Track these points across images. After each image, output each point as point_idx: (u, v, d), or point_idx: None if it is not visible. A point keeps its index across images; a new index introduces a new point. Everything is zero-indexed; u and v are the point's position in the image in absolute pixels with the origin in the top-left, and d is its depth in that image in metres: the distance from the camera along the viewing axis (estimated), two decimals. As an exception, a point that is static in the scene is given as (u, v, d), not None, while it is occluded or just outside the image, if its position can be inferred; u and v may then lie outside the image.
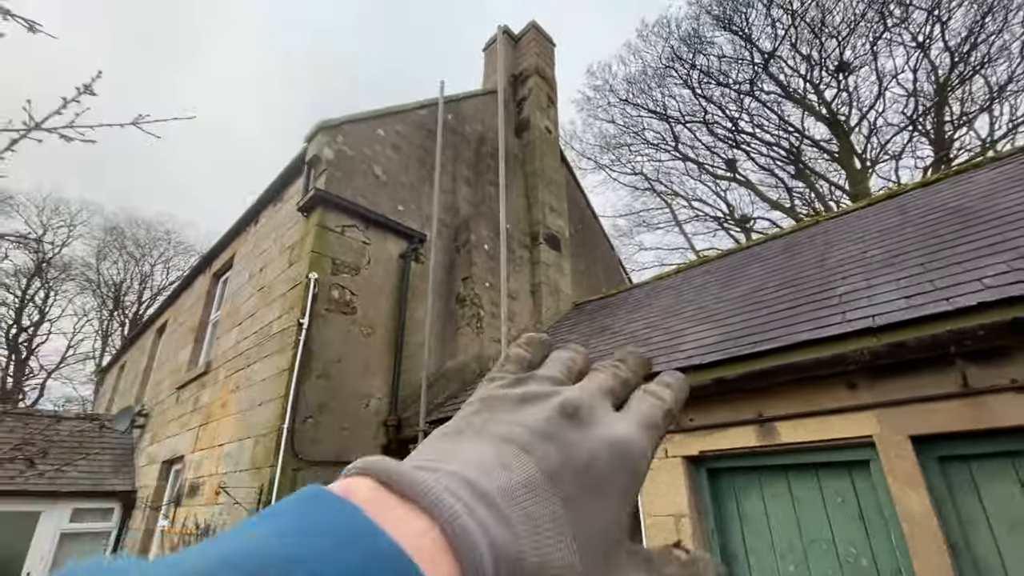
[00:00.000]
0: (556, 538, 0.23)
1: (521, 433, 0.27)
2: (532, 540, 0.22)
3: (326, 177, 6.00)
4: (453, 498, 0.22)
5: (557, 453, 0.26)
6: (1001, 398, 2.40)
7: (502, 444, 0.26)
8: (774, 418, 3.02)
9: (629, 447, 0.28)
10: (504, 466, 0.25)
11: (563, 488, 0.25)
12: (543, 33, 10.27)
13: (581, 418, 0.28)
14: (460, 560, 0.20)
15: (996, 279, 2.60)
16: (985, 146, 15.91)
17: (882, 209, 5.19)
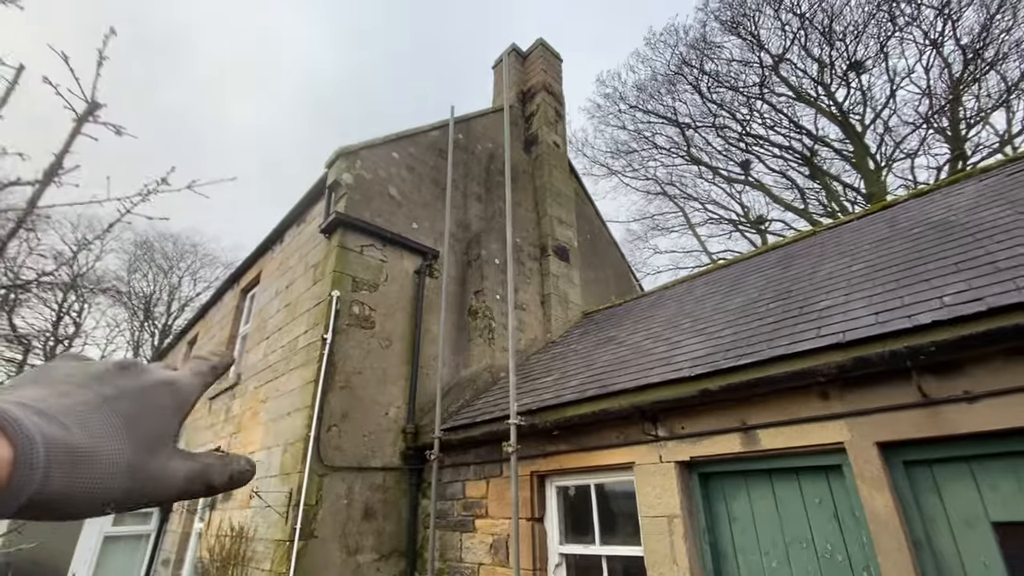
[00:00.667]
0: (111, 437, 0.33)
1: (82, 378, 0.37)
2: (84, 436, 0.31)
3: (346, 201, 6.42)
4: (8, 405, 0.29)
5: (112, 389, 0.36)
6: (956, 408, 2.63)
7: (61, 385, 0.35)
8: (756, 426, 3.28)
9: (177, 383, 0.41)
10: (63, 394, 0.34)
11: (119, 406, 0.35)
12: (550, 49, 10.61)
13: (134, 370, 0.40)
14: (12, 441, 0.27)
15: (955, 297, 2.84)
16: (1003, 142, 15.71)
17: (876, 220, 5.38)
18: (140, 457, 0.35)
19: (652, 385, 3.77)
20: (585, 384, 4.61)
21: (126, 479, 0.34)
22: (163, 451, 0.37)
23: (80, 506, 0.31)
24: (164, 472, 0.37)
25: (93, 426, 0.33)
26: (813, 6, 16.06)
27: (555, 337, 7.80)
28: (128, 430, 0.35)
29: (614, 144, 20.59)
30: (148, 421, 0.37)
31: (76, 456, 0.30)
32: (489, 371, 6.71)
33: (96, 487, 0.31)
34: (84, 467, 0.31)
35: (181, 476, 0.38)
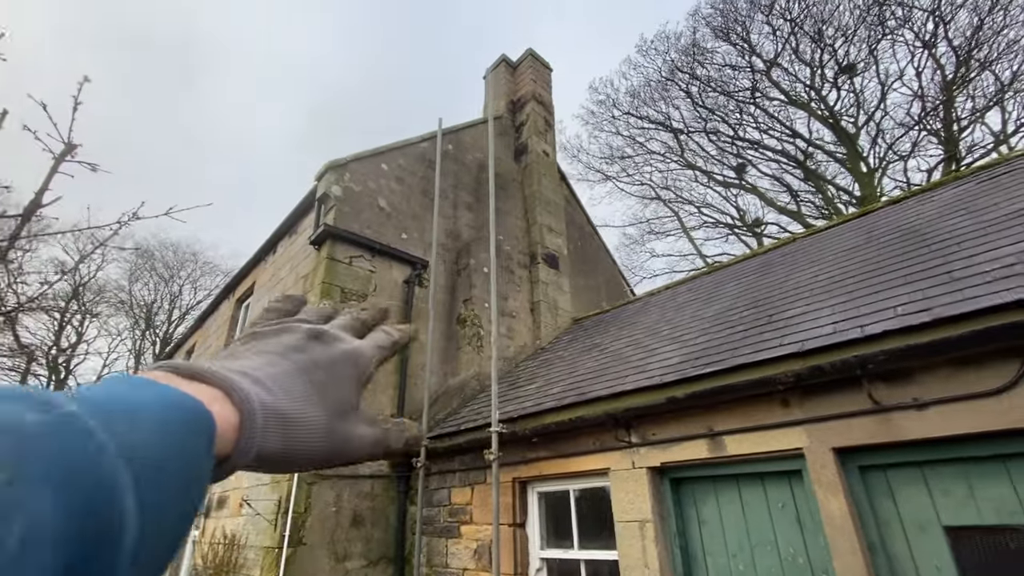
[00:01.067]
0: (309, 403, 0.37)
1: (281, 348, 0.40)
2: (291, 403, 0.36)
3: (335, 213, 6.55)
4: (229, 373, 0.33)
5: (306, 358, 0.40)
6: (906, 415, 2.73)
7: (266, 355, 0.39)
8: (722, 432, 3.38)
9: (358, 354, 0.44)
10: (269, 364, 0.38)
11: (312, 376, 0.39)
12: (539, 59, 10.76)
13: (325, 339, 0.43)
14: (237, 406, 0.32)
15: (908, 307, 2.94)
16: (998, 141, 15.78)
17: (852, 227, 5.48)
18: (333, 422, 0.38)
19: (625, 393, 3.87)
20: (565, 392, 4.71)
21: (324, 441, 0.37)
22: (350, 416, 0.41)
23: (291, 464, 0.36)
24: (353, 435, 0.40)
25: (295, 393, 0.37)
26: (804, 11, 16.20)
27: (544, 344, 7.91)
28: (321, 397, 0.38)
29: (609, 150, 20.75)
30: (336, 389, 0.40)
31: (285, 420, 0.34)
32: (477, 379, 6.81)
33: (302, 447, 0.36)
34: (292, 430, 0.35)
35: (368, 441, 0.42)
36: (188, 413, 0.28)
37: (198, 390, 0.31)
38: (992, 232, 3.52)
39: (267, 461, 0.34)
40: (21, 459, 0.20)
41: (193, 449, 0.27)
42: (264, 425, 0.32)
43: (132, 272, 27.61)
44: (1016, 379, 2.45)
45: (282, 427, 0.34)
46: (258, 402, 0.33)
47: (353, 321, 0.49)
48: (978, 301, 2.55)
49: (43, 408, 0.22)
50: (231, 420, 0.31)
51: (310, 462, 0.37)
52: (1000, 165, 4.91)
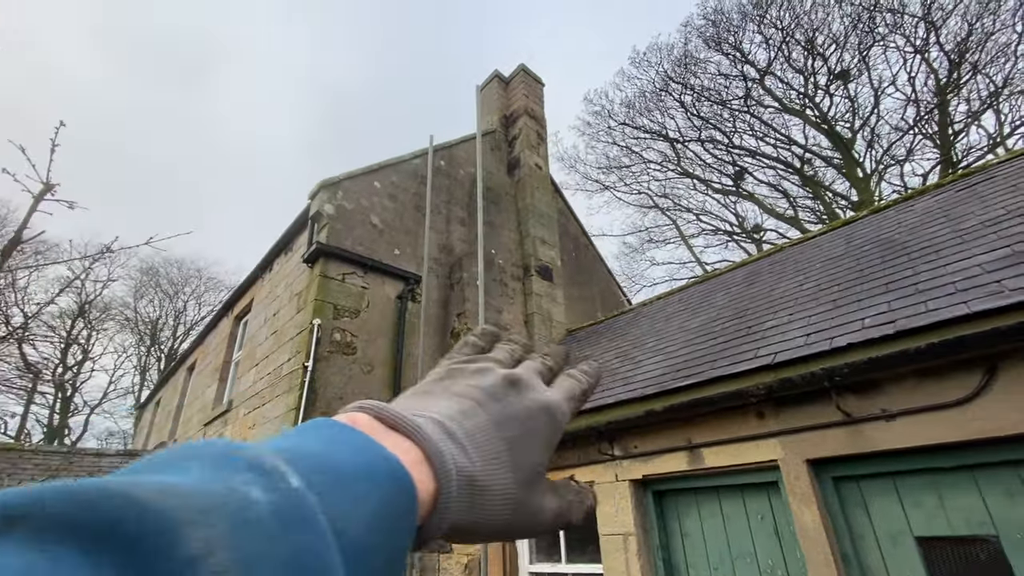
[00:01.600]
0: (500, 466, 0.32)
1: (477, 394, 0.36)
2: (483, 466, 0.31)
3: (327, 231, 6.66)
4: (429, 430, 0.30)
5: (503, 409, 0.35)
6: (874, 425, 2.76)
7: (464, 400, 0.35)
8: (700, 445, 3.42)
9: (555, 409, 0.39)
10: (464, 414, 0.34)
11: (506, 433, 0.34)
12: (531, 74, 10.93)
13: (520, 387, 0.38)
14: (435, 471, 0.29)
15: (876, 318, 2.98)
16: (994, 143, 15.80)
17: (836, 237, 5.53)
18: (521, 491, 0.33)
19: (607, 406, 3.92)
20: (552, 405, 4.75)
21: (509, 513, 0.33)
22: (539, 484, 0.36)
23: (475, 536, 0.32)
24: (539, 508, 0.35)
25: (488, 454, 0.32)
26: (794, 20, 16.36)
27: (538, 356, 7.94)
28: (511, 459, 0.33)
29: (606, 160, 20.89)
30: (528, 450, 0.35)
31: (475, 488, 0.30)
32: (470, 392, 6.85)
33: (486, 522, 0.31)
34: (479, 499, 0.31)
35: (551, 514, 0.37)
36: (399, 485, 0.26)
37: (398, 445, 0.28)
38: (967, 241, 3.56)
39: (454, 534, 0.30)
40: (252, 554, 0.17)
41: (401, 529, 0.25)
42: (458, 495, 0.29)
43: (137, 289, 27.93)
44: (979, 389, 2.49)
45: (473, 496, 0.30)
46: (454, 468, 0.30)
47: (542, 367, 0.44)
48: (939, 313, 2.60)
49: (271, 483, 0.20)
50: (429, 489, 0.28)
51: (494, 535, 0.33)
52: (978, 173, 4.96)
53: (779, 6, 16.59)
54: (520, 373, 0.40)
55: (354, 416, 0.30)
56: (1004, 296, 2.50)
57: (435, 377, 0.39)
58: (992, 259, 3.02)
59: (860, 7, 15.92)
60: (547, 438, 0.37)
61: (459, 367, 0.40)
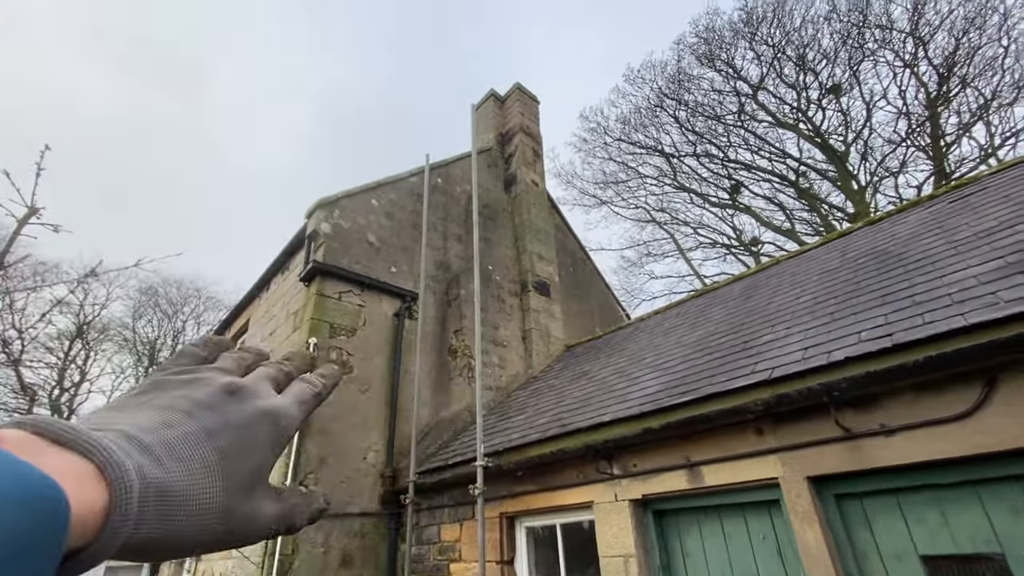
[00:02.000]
0: (207, 475, 0.31)
1: (186, 404, 0.34)
2: (184, 476, 0.30)
3: (324, 249, 6.67)
4: (108, 441, 0.27)
5: (217, 418, 0.34)
6: (874, 441, 2.72)
7: (167, 411, 0.33)
8: (699, 463, 3.36)
9: (278, 414, 0.38)
10: (166, 425, 0.32)
11: (219, 442, 0.33)
12: (527, 92, 11.06)
13: (241, 395, 0.37)
14: (109, 484, 0.26)
15: (872, 332, 2.96)
16: (985, 154, 15.93)
17: (831, 249, 5.53)
18: (233, 499, 0.33)
19: (604, 424, 3.87)
20: (550, 423, 4.70)
21: (218, 523, 0.32)
22: (256, 491, 0.35)
23: (170, 551, 0.30)
24: (255, 515, 0.35)
25: (192, 464, 0.31)
26: (784, 37, 16.64)
27: (536, 372, 7.89)
28: (224, 469, 0.32)
29: (602, 175, 21.05)
30: (246, 458, 0.34)
31: (169, 499, 0.29)
32: (469, 411, 6.79)
33: (185, 533, 0.30)
34: (176, 511, 0.29)
35: (270, 518, 0.36)
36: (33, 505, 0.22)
37: (62, 462, 0.25)
38: (961, 252, 3.56)
39: (141, 549, 0.28)
40: None
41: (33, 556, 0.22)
42: (140, 509, 0.27)
43: (136, 309, 27.86)
44: (978, 403, 2.46)
45: (168, 508, 0.28)
46: (139, 480, 0.27)
47: (277, 373, 0.43)
48: (935, 326, 2.58)
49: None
50: (97, 504, 0.25)
51: (197, 546, 0.31)
52: (970, 184, 4.99)
53: (769, 24, 16.90)
54: (243, 381, 0.39)
55: (10, 432, 0.26)
56: (1000, 308, 2.48)
57: (138, 390, 0.36)
58: (987, 270, 3.01)
59: (849, 24, 16.21)
60: (269, 444, 0.36)
61: (169, 379, 0.37)
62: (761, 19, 16.99)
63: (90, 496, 0.25)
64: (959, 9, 15.15)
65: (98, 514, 0.25)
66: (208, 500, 0.31)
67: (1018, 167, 4.85)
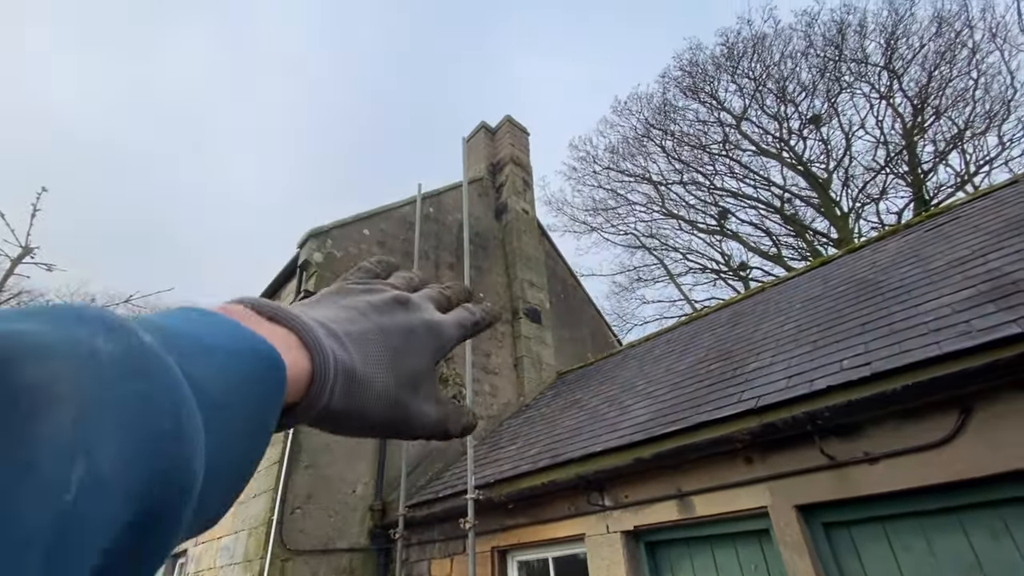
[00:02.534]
0: (380, 367, 0.35)
1: (364, 306, 0.39)
2: (363, 363, 0.34)
3: (316, 278, 6.70)
4: (309, 320, 0.32)
5: (388, 321, 0.39)
6: (859, 469, 2.76)
7: (350, 310, 0.38)
8: (690, 492, 3.37)
9: (440, 328, 0.42)
10: (349, 320, 0.36)
11: (393, 340, 0.38)
12: (517, 124, 11.35)
13: (408, 306, 0.41)
14: (312, 356, 0.30)
15: (853, 360, 3.03)
16: (962, 180, 16.45)
17: (814, 276, 5.66)
18: (402, 393, 0.37)
19: (595, 454, 3.87)
20: (541, 453, 4.68)
21: (388, 410, 0.36)
22: (421, 391, 0.39)
23: (351, 425, 0.35)
24: (420, 411, 0.39)
25: (369, 355, 0.35)
26: (765, 71, 17.29)
27: (528, 400, 7.87)
28: (394, 364, 0.36)
29: (592, 202, 21.40)
30: (411, 359, 0.38)
31: (354, 381, 0.33)
32: (460, 440, 6.73)
33: (366, 413, 0.34)
34: (359, 392, 0.33)
35: (432, 419, 0.41)
36: (264, 362, 0.27)
37: (274, 333, 0.30)
38: (936, 281, 3.68)
39: (330, 419, 0.33)
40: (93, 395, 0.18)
41: (264, 401, 0.26)
42: (334, 382, 0.31)
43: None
44: (955, 431, 2.52)
45: (351, 387, 0.33)
46: (332, 357, 0.32)
47: (438, 295, 0.47)
48: (912, 355, 2.65)
49: (118, 336, 0.20)
50: (304, 370, 0.30)
51: (371, 428, 0.36)
52: (944, 214, 5.17)
53: (749, 58, 17.58)
54: (410, 295, 0.43)
55: (228, 307, 0.31)
56: (972, 337, 2.57)
57: (326, 292, 0.41)
58: (960, 299, 3.11)
59: (825, 58, 16.91)
60: (430, 352, 0.40)
61: (350, 287, 0.42)
62: (741, 54, 17.69)
63: (297, 362, 0.30)
64: (930, 44, 15.90)
65: (303, 379, 0.30)
66: (383, 388, 0.35)
67: (989, 196, 5.04)
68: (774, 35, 17.47)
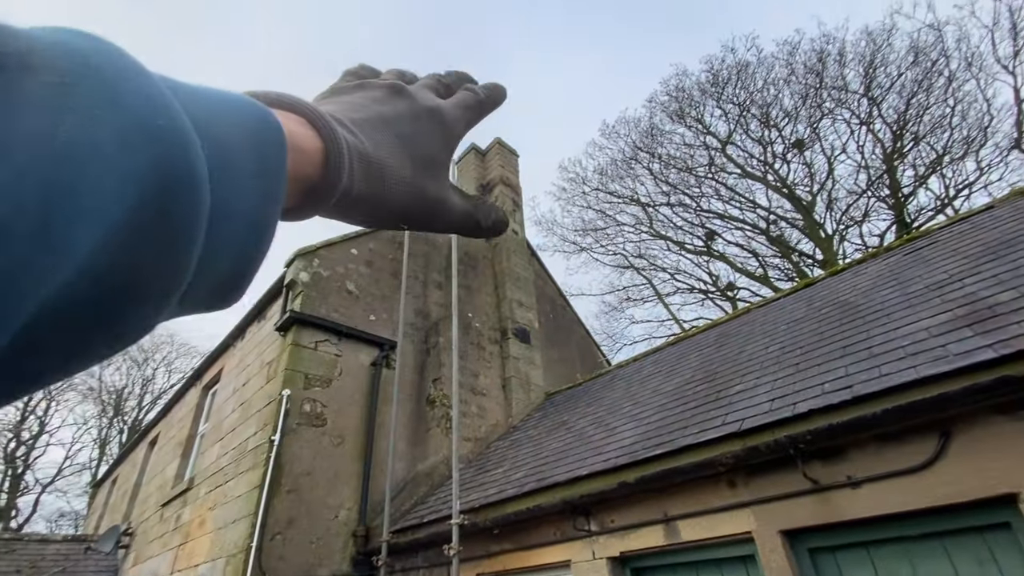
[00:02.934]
0: (392, 150, 0.35)
1: (362, 99, 0.38)
2: (375, 148, 0.34)
3: (302, 298, 6.64)
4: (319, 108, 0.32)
5: (390, 109, 0.38)
6: (842, 493, 2.75)
7: (351, 103, 0.37)
8: (675, 517, 3.33)
9: (443, 112, 0.41)
10: (355, 109, 0.36)
11: (398, 128, 0.37)
12: (506, 147, 11.49)
13: (405, 95, 0.40)
14: (322, 135, 0.30)
15: (835, 383, 3.05)
16: (942, 204, 16.86)
17: (797, 299, 5.72)
18: (421, 177, 0.36)
19: (581, 478, 3.83)
20: (527, 477, 4.62)
21: (409, 196, 0.35)
22: (439, 176, 0.38)
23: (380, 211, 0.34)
24: (445, 199, 0.39)
25: (380, 140, 0.34)
26: (749, 97, 17.76)
27: (516, 422, 7.79)
28: (405, 150, 0.36)
29: (582, 222, 21.61)
30: (422, 144, 0.37)
31: (369, 164, 0.32)
32: (446, 463, 6.62)
33: (390, 198, 0.34)
34: (378, 175, 0.33)
35: (458, 210, 0.40)
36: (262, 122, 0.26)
37: (286, 115, 0.29)
38: (915, 304, 3.73)
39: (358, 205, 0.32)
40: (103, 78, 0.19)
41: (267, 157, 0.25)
42: (351, 162, 0.31)
43: (104, 357, 26.83)
44: (936, 455, 2.53)
45: (369, 170, 0.32)
46: (344, 138, 0.31)
47: (435, 83, 0.45)
48: (890, 379, 2.67)
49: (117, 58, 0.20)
50: (316, 148, 0.29)
51: (401, 215, 0.36)
52: (923, 237, 5.28)
53: (734, 85, 18.06)
54: (404, 85, 0.41)
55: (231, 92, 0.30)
56: (949, 361, 2.60)
57: (315, 97, 0.39)
58: (937, 323, 3.16)
59: (807, 85, 17.42)
60: (439, 138, 0.39)
61: (342, 86, 0.41)
62: (726, 80, 18.17)
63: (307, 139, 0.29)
64: (907, 73, 16.46)
65: (316, 155, 0.29)
66: (400, 171, 0.35)
67: (967, 221, 5.17)
68: (757, 63, 18.02)
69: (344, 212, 0.33)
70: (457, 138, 0.42)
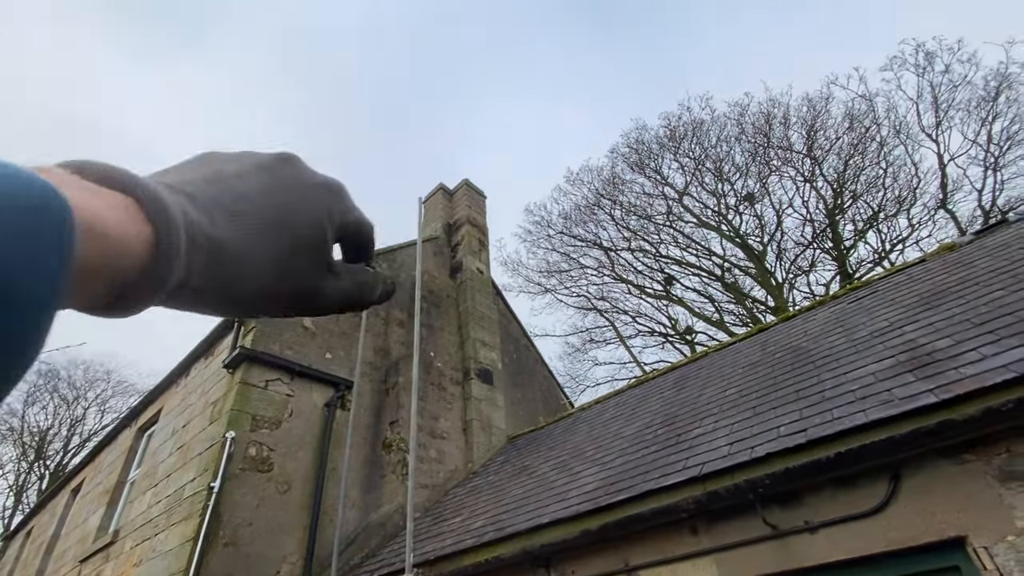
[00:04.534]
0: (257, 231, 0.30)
1: (238, 167, 0.32)
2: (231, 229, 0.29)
3: (254, 334, 6.35)
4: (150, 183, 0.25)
5: (271, 179, 0.33)
6: (800, 539, 2.75)
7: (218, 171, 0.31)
8: (638, 567, 3.24)
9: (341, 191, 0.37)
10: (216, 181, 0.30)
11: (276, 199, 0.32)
12: (474, 188, 11.68)
13: (295, 163, 0.36)
14: (153, 221, 0.24)
15: (790, 427, 3.11)
16: (880, 256, 18.09)
17: (753, 343, 5.90)
18: (294, 260, 0.32)
19: (542, 526, 3.69)
20: (487, 526, 4.42)
21: (277, 282, 0.31)
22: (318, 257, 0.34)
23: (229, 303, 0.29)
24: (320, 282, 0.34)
25: (241, 214, 0.30)
26: (703, 152, 18.89)
27: (477, 467, 7.54)
28: (281, 225, 0.31)
29: (546, 264, 21.95)
30: (304, 218, 0.33)
31: (220, 252, 0.28)
32: (401, 512, 6.29)
33: (244, 287, 0.29)
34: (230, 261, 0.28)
35: (339, 290, 0.36)
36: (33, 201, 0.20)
37: (102, 195, 0.24)
38: (860, 350, 3.91)
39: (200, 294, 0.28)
40: None
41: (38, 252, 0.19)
42: (189, 251, 0.26)
43: (29, 394, 24.65)
44: (887, 498, 2.58)
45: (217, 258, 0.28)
46: (183, 220, 0.26)
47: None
48: (842, 422, 2.75)
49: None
50: (140, 233, 0.24)
51: (260, 301, 0.31)
52: (864, 287, 5.61)
53: (689, 140, 19.20)
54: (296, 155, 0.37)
55: (47, 168, 0.24)
56: (895, 405, 2.70)
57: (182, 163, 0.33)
58: (882, 368, 3.30)
59: (756, 144, 18.71)
60: (325, 211, 0.35)
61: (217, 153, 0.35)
62: (683, 136, 19.31)
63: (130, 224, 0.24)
64: (844, 136, 17.96)
65: (143, 244, 0.24)
66: (264, 254, 0.30)
67: (902, 272, 5.53)
68: (711, 121, 19.28)
69: (186, 304, 0.29)
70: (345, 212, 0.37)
